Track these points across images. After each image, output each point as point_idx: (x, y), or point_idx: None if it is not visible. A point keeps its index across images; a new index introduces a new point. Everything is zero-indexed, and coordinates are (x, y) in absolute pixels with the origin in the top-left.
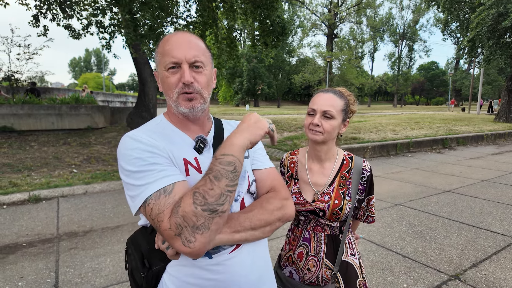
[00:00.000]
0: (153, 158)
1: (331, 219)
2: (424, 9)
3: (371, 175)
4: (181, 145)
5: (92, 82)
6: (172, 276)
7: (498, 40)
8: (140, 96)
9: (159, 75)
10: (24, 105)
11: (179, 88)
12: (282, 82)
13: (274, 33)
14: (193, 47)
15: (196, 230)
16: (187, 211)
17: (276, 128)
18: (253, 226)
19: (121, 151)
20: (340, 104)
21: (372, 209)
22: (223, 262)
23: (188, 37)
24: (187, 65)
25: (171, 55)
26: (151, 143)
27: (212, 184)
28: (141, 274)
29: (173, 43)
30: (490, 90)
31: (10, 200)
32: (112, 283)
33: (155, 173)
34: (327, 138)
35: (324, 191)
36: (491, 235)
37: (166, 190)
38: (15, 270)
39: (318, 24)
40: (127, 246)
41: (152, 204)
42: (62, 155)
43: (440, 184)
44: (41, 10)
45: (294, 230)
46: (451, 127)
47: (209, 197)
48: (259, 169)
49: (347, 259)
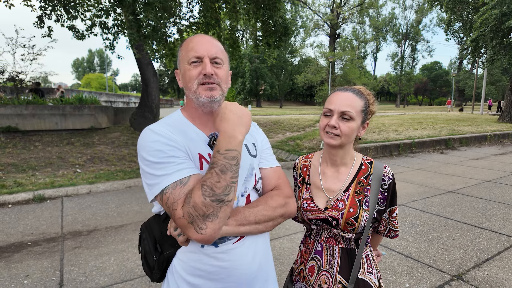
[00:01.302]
0: (172, 151)
1: (346, 229)
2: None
3: (393, 182)
4: (196, 141)
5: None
6: (181, 261)
7: (502, 40)
8: (143, 96)
9: (180, 71)
10: (29, 105)
11: (200, 78)
12: (284, 82)
13: (276, 34)
14: (214, 45)
15: (207, 218)
16: (197, 202)
17: (279, 128)
18: (257, 220)
19: (142, 142)
20: (360, 105)
21: (395, 222)
22: (228, 251)
23: (210, 38)
24: (209, 59)
25: (195, 51)
26: (171, 137)
27: (219, 177)
28: (153, 257)
29: (196, 41)
30: (493, 90)
31: (15, 200)
32: (116, 281)
33: (174, 166)
34: (345, 142)
35: (338, 198)
36: (494, 236)
37: (182, 181)
38: (20, 268)
39: (321, 24)
40: (141, 231)
41: (169, 193)
42: (66, 155)
43: (443, 184)
44: (45, 11)
45: (306, 241)
46: (454, 128)
47: (217, 189)
48: (266, 168)
49: (364, 277)
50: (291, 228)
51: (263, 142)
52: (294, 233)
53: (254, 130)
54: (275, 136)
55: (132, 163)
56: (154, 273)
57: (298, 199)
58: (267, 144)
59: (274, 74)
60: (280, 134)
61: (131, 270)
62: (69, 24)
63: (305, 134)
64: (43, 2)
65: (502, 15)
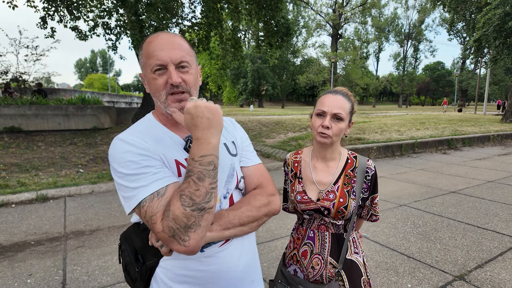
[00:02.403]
0: (145, 161)
1: (336, 217)
2: (430, 9)
3: (375, 174)
4: (171, 146)
5: (98, 83)
6: (165, 269)
7: (505, 40)
8: (145, 96)
9: (145, 77)
10: (32, 105)
11: (167, 88)
12: (286, 82)
13: (278, 34)
14: (177, 47)
15: (189, 229)
16: (177, 214)
17: (281, 128)
18: (242, 222)
19: (113, 154)
20: (348, 106)
21: (376, 208)
22: (214, 255)
23: (171, 38)
24: (173, 66)
25: (156, 58)
26: (143, 146)
27: (197, 185)
28: (135, 268)
29: (157, 45)
30: (497, 90)
31: (19, 199)
32: (118, 281)
33: (149, 176)
34: (335, 140)
35: (329, 190)
36: (497, 236)
37: (159, 192)
38: (23, 267)
39: (323, 25)
40: (120, 241)
41: (146, 206)
42: (68, 155)
43: (446, 185)
44: (48, 12)
45: (299, 229)
46: (457, 128)
47: (196, 197)
48: (247, 166)
49: (351, 257)
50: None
51: (242, 139)
52: None
53: (231, 127)
54: (277, 136)
55: None
56: (137, 284)
57: (292, 192)
58: (247, 140)
59: (276, 74)
60: (282, 134)
61: None
62: (72, 24)
63: (307, 134)
64: (46, 3)
65: (505, 15)
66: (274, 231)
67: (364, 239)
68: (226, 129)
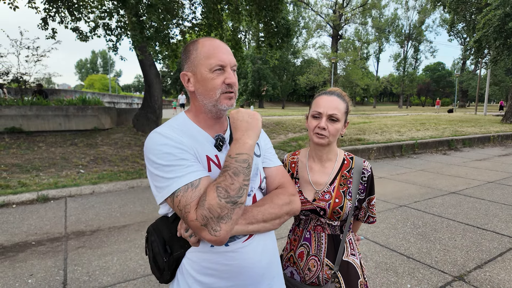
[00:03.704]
0: (181, 154)
1: (332, 218)
2: (430, 9)
3: (371, 175)
4: (203, 143)
5: (98, 84)
6: (192, 261)
7: (505, 40)
8: (146, 97)
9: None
10: (33, 106)
11: (223, 88)
12: (286, 83)
13: (278, 35)
14: (231, 53)
15: (221, 220)
16: (212, 204)
17: (281, 129)
18: (265, 219)
19: (151, 145)
20: (344, 107)
21: (373, 210)
22: (238, 250)
23: (224, 44)
24: (230, 67)
25: (218, 58)
26: (179, 140)
27: (233, 179)
28: (163, 259)
29: (216, 48)
30: (497, 91)
31: (19, 200)
32: (119, 281)
33: (184, 168)
34: (331, 141)
35: (324, 190)
36: (497, 237)
37: (193, 184)
38: (24, 268)
39: (323, 25)
40: (148, 233)
41: (181, 196)
42: (69, 156)
43: (445, 185)
44: (49, 13)
45: (295, 230)
46: (457, 129)
47: (231, 190)
48: (269, 167)
49: (348, 259)
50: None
51: (265, 142)
52: None
53: None
54: (277, 136)
55: (135, 164)
56: (164, 274)
57: None
58: (269, 143)
59: (276, 75)
60: (282, 135)
61: (134, 270)
62: (73, 25)
63: (307, 135)
64: (47, 4)
65: (505, 16)
66: (275, 231)
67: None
68: None
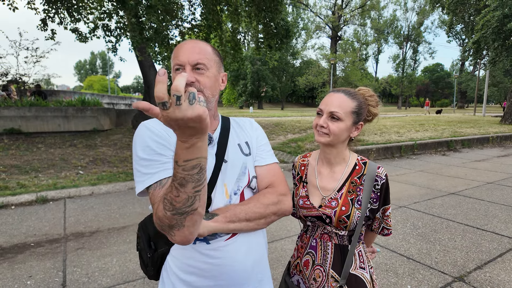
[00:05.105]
0: (160, 149)
1: (338, 227)
2: (429, 11)
3: (386, 183)
4: None
5: (98, 85)
6: (175, 258)
7: (504, 42)
8: (145, 98)
9: None
10: (32, 107)
11: None
12: (286, 84)
13: (278, 36)
14: (196, 51)
15: (173, 228)
16: (159, 216)
17: (280, 130)
18: (248, 218)
19: (134, 137)
20: (351, 106)
21: (388, 221)
22: (220, 248)
23: (195, 43)
24: (190, 67)
25: (177, 58)
26: (162, 135)
27: (178, 191)
28: (147, 254)
29: (180, 48)
30: (496, 92)
31: (18, 201)
32: (118, 282)
33: (159, 164)
34: (334, 141)
35: (332, 197)
36: (496, 237)
37: (161, 183)
38: (23, 269)
39: (322, 27)
40: (138, 229)
41: (151, 194)
42: (68, 157)
43: (445, 186)
44: (49, 14)
45: (303, 236)
46: (456, 129)
47: (176, 203)
48: (260, 166)
49: (356, 272)
50: (292, 229)
51: (258, 139)
52: (295, 235)
53: (248, 127)
54: (276, 138)
55: None
56: (149, 269)
57: (295, 196)
58: (263, 140)
59: (275, 76)
60: (281, 136)
61: (133, 271)
62: (72, 26)
63: (307, 136)
64: (46, 5)
65: (504, 17)
66: (274, 232)
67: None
68: (242, 129)
